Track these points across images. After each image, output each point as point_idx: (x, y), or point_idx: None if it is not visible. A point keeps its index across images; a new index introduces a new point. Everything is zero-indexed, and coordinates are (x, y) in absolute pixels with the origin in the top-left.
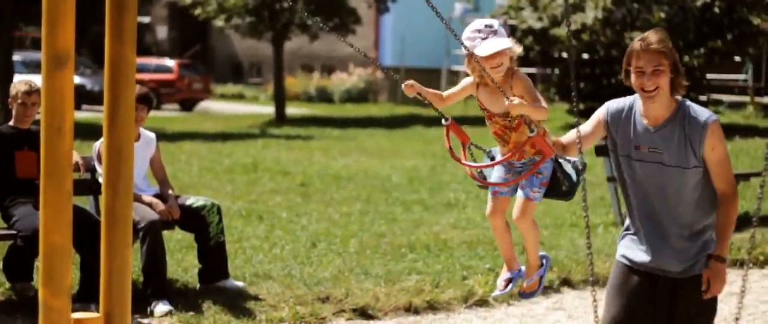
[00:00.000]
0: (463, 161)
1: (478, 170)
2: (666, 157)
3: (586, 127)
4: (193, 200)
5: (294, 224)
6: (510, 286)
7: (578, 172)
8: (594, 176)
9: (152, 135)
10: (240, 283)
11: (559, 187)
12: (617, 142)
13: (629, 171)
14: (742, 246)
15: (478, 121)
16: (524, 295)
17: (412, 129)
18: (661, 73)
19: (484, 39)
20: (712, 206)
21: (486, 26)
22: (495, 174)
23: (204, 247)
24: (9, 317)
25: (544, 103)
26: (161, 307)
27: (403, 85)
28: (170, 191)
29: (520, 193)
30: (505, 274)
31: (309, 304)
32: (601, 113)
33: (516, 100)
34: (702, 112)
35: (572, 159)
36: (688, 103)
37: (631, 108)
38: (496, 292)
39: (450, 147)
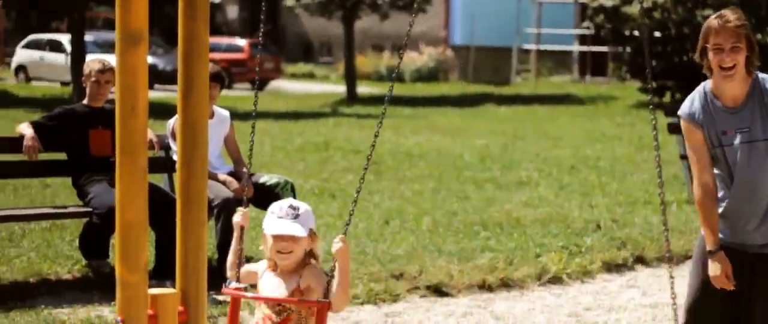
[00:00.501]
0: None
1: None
2: (754, 132)
3: (693, 154)
4: (266, 178)
5: (366, 202)
6: None
7: None
8: (667, 154)
9: (226, 113)
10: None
11: None
12: (708, 135)
13: (724, 157)
14: None
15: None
16: None
17: (484, 107)
18: (739, 50)
19: (279, 218)
20: None
21: (290, 207)
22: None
23: None
24: (85, 294)
25: (347, 288)
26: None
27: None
28: (244, 169)
29: None
30: None
31: (383, 281)
32: (686, 126)
33: (345, 242)
34: None
35: None
36: (762, 75)
37: (703, 99)
38: None
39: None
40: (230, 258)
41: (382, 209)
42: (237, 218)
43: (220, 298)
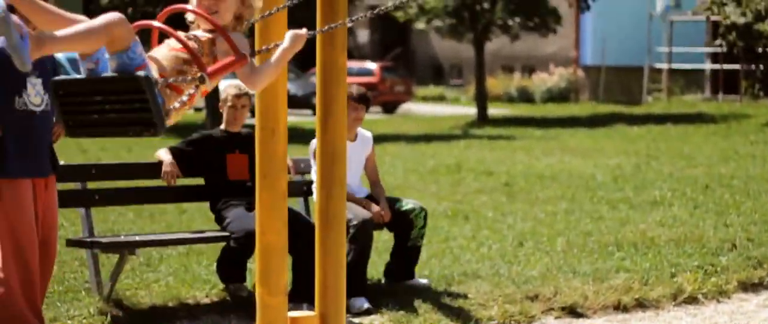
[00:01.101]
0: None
1: None
2: None
3: None
4: (403, 202)
5: (500, 223)
6: None
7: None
8: None
9: (369, 134)
10: (424, 281)
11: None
12: None
13: None
14: None
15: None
16: None
17: (614, 127)
18: None
19: None
20: None
21: None
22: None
23: (400, 248)
24: (223, 318)
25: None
26: (360, 304)
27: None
28: (382, 193)
29: None
30: None
31: (518, 302)
32: None
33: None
34: None
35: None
36: None
37: None
38: None
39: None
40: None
41: (516, 231)
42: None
43: (356, 320)
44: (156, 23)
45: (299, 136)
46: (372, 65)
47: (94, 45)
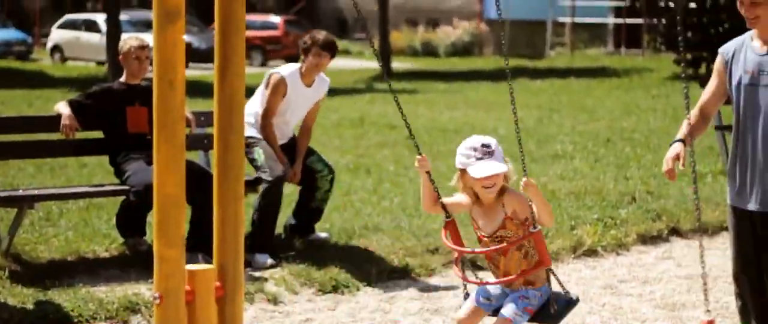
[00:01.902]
0: (453, 246)
1: (463, 263)
2: None
3: (711, 84)
4: (315, 158)
5: (401, 177)
6: None
7: (569, 304)
8: None
9: (327, 80)
10: (324, 234)
11: (548, 310)
12: (732, 74)
13: (740, 99)
14: None
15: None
16: None
17: (518, 81)
18: (759, 4)
19: (479, 159)
20: None
21: (482, 146)
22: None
23: (303, 206)
24: (123, 272)
25: (550, 210)
26: (263, 260)
27: (417, 157)
28: (305, 145)
29: (502, 310)
30: None
31: (418, 255)
32: (717, 62)
33: (531, 180)
34: None
35: (569, 294)
36: None
37: (742, 41)
38: None
39: (445, 236)
40: (426, 200)
41: (417, 184)
42: (418, 165)
43: (257, 274)
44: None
45: (202, 90)
46: (276, 19)
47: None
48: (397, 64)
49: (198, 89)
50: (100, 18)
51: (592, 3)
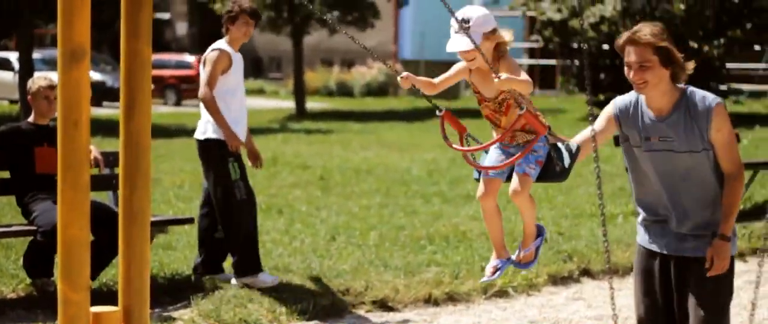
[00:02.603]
0: (459, 147)
1: (473, 156)
2: (676, 144)
3: (598, 124)
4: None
5: (314, 217)
6: (497, 273)
7: (572, 155)
8: (613, 166)
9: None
10: (232, 275)
11: (553, 168)
12: (629, 135)
13: (641, 162)
14: (760, 235)
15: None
16: (520, 265)
17: (432, 121)
18: (647, 69)
19: (456, 32)
20: (720, 188)
21: (462, 20)
22: (489, 158)
23: (208, 240)
24: (30, 313)
25: (525, 77)
26: (268, 278)
27: (399, 78)
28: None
29: (516, 169)
30: (493, 261)
31: (329, 296)
32: (609, 109)
33: (503, 76)
34: (706, 96)
35: (566, 141)
36: (692, 89)
37: (637, 101)
38: (483, 279)
39: (445, 135)
40: (426, 85)
41: (329, 224)
42: (405, 81)
43: (165, 314)
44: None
45: (115, 129)
46: (190, 58)
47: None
48: (312, 104)
49: (111, 128)
50: (13, 56)
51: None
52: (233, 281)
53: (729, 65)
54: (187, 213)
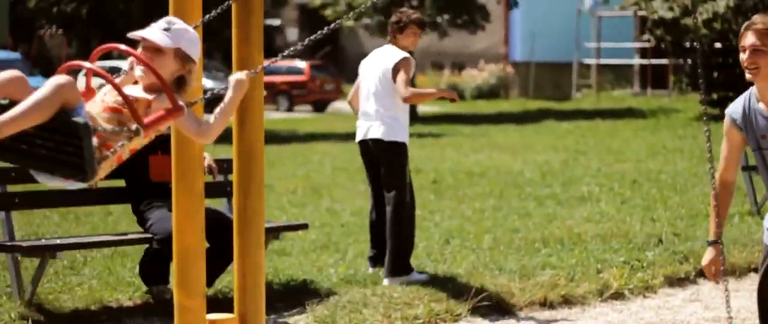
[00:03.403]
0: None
1: None
2: None
3: (724, 151)
4: None
5: (427, 221)
6: None
7: None
8: None
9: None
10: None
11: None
12: (748, 137)
13: (763, 161)
14: None
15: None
16: None
17: (544, 124)
18: (761, 54)
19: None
20: None
21: (166, 21)
22: None
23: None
24: (146, 321)
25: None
26: (420, 276)
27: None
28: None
29: None
30: None
31: (444, 300)
32: (726, 124)
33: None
34: None
35: None
36: None
37: (748, 102)
38: None
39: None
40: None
41: (442, 229)
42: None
43: (281, 320)
44: (87, 64)
45: (228, 136)
46: (301, 64)
47: (47, 115)
48: (424, 108)
49: (224, 135)
50: (126, 65)
51: (618, 44)
52: (386, 281)
53: None
54: (300, 218)
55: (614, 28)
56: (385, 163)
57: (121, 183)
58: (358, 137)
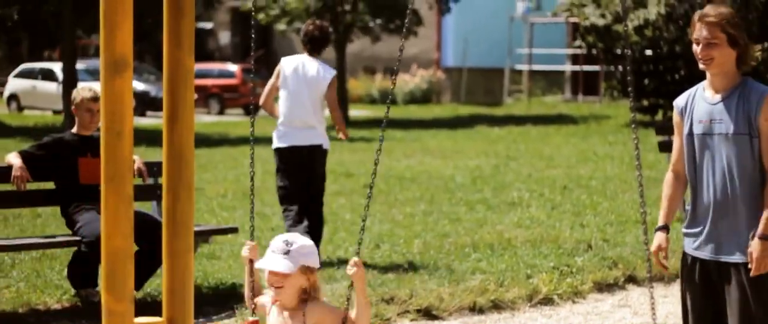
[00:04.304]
0: None
1: None
2: (723, 126)
3: (676, 142)
4: None
5: (357, 226)
6: None
7: None
8: (658, 172)
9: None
10: None
11: None
12: (687, 122)
13: (694, 148)
14: None
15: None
16: None
17: (476, 129)
18: (714, 46)
19: (272, 252)
20: (762, 187)
21: (284, 241)
22: None
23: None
24: None
25: (369, 314)
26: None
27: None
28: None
29: None
30: None
31: (373, 305)
32: (675, 116)
33: (360, 262)
34: (762, 86)
35: None
36: (752, 80)
37: (695, 91)
38: None
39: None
40: (246, 292)
41: (373, 233)
42: (245, 252)
43: None
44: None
45: (159, 138)
46: (233, 67)
47: None
48: (355, 112)
49: (155, 138)
50: (57, 67)
51: (550, 50)
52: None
53: None
54: (230, 222)
55: (546, 35)
56: (320, 169)
57: (50, 185)
58: (288, 143)
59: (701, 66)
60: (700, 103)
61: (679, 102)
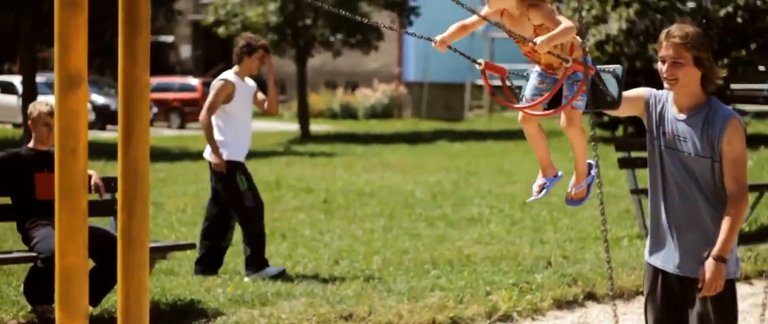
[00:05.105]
0: (513, 105)
1: (517, 92)
2: (688, 146)
3: (629, 93)
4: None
5: (317, 242)
6: (543, 192)
7: (619, 81)
8: (618, 188)
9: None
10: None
11: (604, 98)
12: (652, 125)
13: (657, 158)
14: (766, 257)
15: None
16: (572, 202)
17: (436, 144)
18: (680, 66)
19: None
20: (722, 207)
21: None
22: (529, 84)
23: (214, 248)
24: None
25: (566, 23)
26: (274, 270)
27: (434, 45)
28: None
29: (563, 102)
30: (539, 179)
31: (332, 322)
32: (644, 91)
33: (538, 40)
34: (726, 109)
35: (610, 68)
36: (717, 101)
37: (667, 97)
38: (531, 198)
39: (492, 92)
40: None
41: (332, 249)
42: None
43: None
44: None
45: (115, 152)
46: (194, 81)
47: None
48: (316, 127)
49: (114, 152)
50: (16, 80)
51: (511, 65)
52: (246, 279)
53: (733, 86)
54: (189, 238)
55: (507, 50)
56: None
57: (6, 200)
58: (243, 157)
59: (666, 85)
60: (668, 114)
61: (655, 93)
